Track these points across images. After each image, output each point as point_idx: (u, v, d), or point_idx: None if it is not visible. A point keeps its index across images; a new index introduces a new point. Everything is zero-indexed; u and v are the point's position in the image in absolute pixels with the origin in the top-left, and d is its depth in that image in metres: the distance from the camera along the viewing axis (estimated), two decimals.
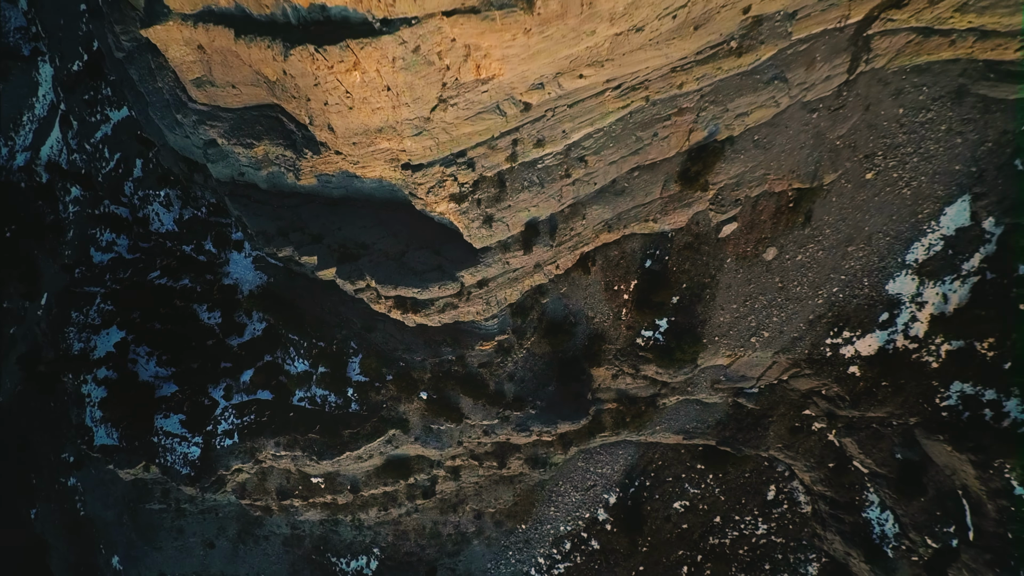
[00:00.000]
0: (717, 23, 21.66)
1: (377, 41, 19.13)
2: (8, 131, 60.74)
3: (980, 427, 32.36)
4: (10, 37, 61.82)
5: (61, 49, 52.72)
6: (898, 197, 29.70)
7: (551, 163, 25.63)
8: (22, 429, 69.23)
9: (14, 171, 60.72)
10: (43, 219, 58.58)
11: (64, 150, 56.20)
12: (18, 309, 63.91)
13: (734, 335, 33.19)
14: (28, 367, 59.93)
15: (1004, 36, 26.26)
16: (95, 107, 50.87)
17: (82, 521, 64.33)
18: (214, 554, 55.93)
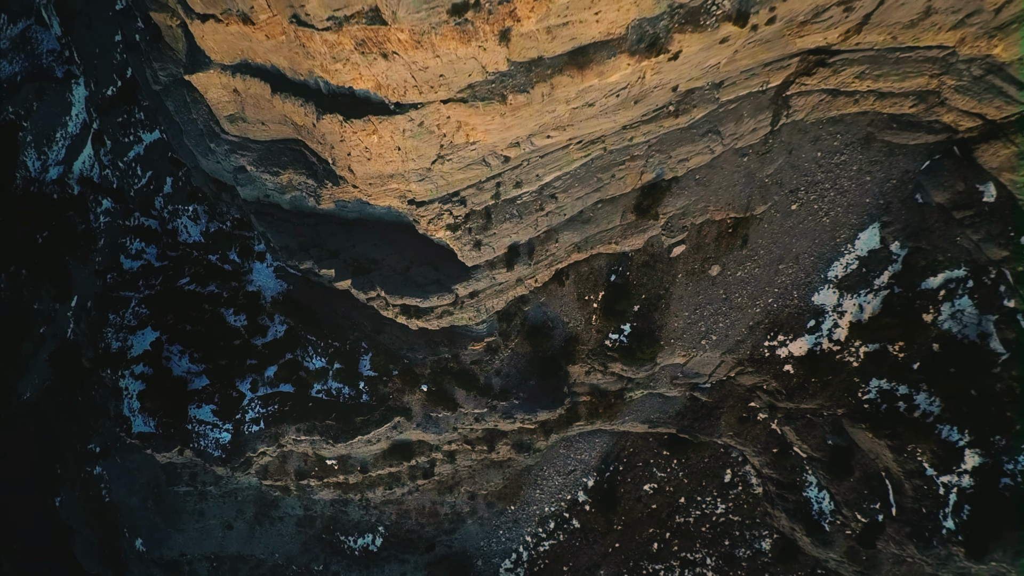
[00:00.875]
0: (653, 98, 29.19)
1: (392, 118, 26.69)
2: (42, 146, 68.46)
3: (895, 417, 39.88)
4: (43, 59, 69.64)
5: (96, 75, 60.34)
6: (819, 224, 37.25)
7: (528, 199, 33.21)
8: (49, 422, 76.63)
9: (47, 183, 68.43)
10: (75, 228, 66.27)
11: (96, 166, 63.87)
12: (48, 310, 71.64)
13: (687, 338, 40.79)
14: (59, 363, 67.89)
15: (898, 96, 33.78)
16: (128, 129, 58.56)
17: (107, 507, 71.18)
18: (232, 535, 63.43)
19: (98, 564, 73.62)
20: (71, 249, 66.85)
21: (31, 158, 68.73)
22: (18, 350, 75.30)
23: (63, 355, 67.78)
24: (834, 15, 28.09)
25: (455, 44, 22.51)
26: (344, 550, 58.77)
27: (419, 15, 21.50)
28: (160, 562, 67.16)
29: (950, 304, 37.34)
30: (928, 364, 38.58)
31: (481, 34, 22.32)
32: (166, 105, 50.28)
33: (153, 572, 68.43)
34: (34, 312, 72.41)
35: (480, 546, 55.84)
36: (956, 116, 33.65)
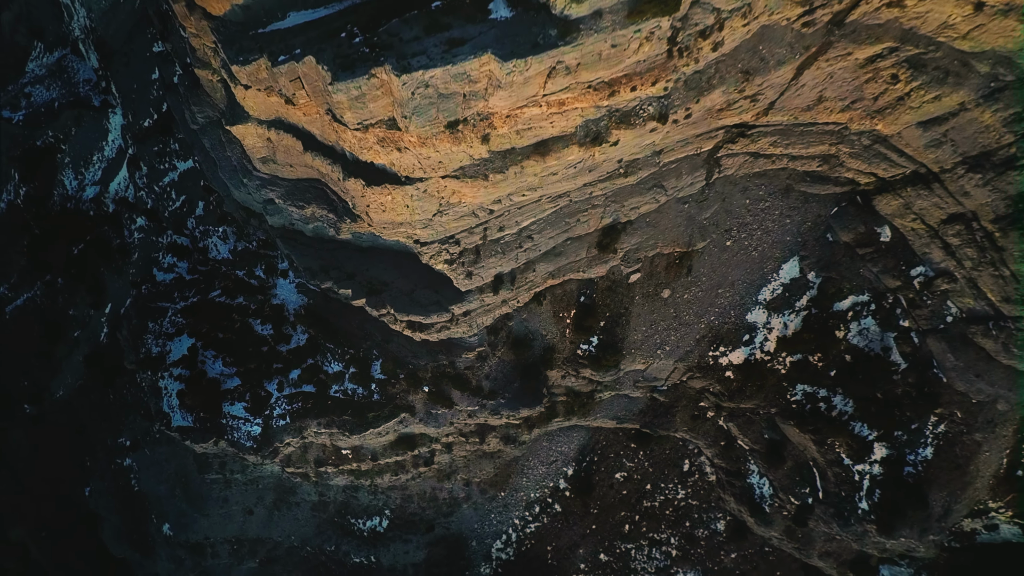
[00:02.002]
0: (604, 167, 39.89)
1: (402, 187, 37.42)
2: (79, 167, 79.09)
3: (817, 416, 50.58)
4: (80, 88, 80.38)
5: (134, 108, 71.06)
6: (749, 257, 47.93)
7: (509, 239, 43.99)
8: (80, 419, 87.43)
9: (84, 201, 79.13)
10: (110, 242, 77.00)
11: (131, 187, 74.62)
12: (82, 316, 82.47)
13: (644, 348, 51.57)
14: (94, 364, 79.16)
15: (806, 158, 44.45)
16: (164, 157, 69.36)
17: (135, 496, 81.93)
18: (252, 519, 74.46)
19: (126, 548, 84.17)
20: (106, 261, 77.65)
21: (68, 178, 79.49)
22: (53, 352, 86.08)
23: (97, 357, 79.06)
24: (743, 105, 38.70)
25: (449, 144, 33.22)
26: (354, 532, 69.77)
27: (424, 127, 32.19)
28: (186, 545, 77.96)
29: (857, 323, 48.05)
30: (841, 371, 49.28)
31: (468, 138, 33.03)
32: (202, 142, 60.92)
33: (179, 554, 79.21)
34: (69, 317, 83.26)
35: (474, 528, 66.78)
36: (855, 173, 44.29)
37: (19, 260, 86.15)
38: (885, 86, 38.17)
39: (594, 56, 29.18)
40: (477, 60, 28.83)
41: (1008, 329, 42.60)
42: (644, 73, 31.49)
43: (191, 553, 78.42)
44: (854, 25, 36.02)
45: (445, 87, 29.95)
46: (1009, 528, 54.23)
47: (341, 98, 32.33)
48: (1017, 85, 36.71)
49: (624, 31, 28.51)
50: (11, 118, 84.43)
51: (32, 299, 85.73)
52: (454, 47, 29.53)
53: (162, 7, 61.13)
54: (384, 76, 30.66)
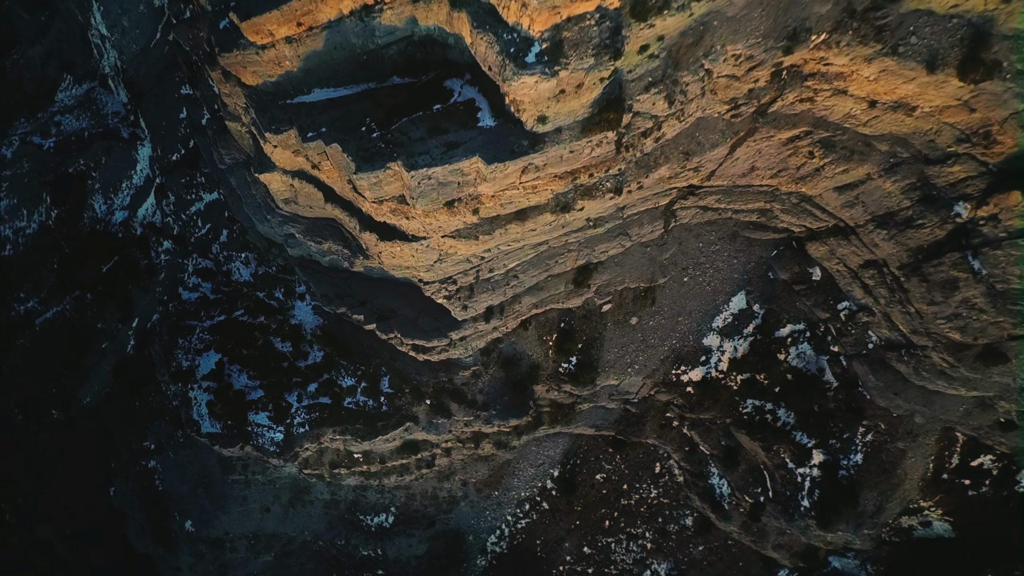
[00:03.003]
0: (575, 223, 51.15)
1: (410, 243, 48.71)
2: (109, 193, 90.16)
3: (764, 426, 61.82)
4: (109, 120, 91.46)
5: (162, 143, 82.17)
6: (704, 291, 59.18)
7: (498, 278, 55.21)
8: (106, 424, 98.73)
9: (112, 224, 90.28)
10: (137, 262, 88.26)
11: (158, 213, 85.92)
12: (110, 329, 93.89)
13: (617, 367, 62.87)
14: (121, 374, 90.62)
15: (747, 211, 55.61)
16: (191, 189, 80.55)
17: (159, 495, 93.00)
18: (269, 516, 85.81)
19: (150, 544, 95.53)
20: (134, 279, 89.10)
21: (98, 202, 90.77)
22: (80, 362, 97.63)
23: (124, 367, 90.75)
24: (688, 175, 49.84)
25: (447, 216, 44.49)
26: (363, 527, 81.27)
27: (427, 205, 43.45)
28: (207, 540, 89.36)
29: (795, 348, 59.33)
30: (784, 388, 60.56)
31: (462, 211, 44.28)
32: (229, 180, 72.09)
33: (200, 549, 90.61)
34: (97, 331, 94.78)
35: (471, 524, 78.22)
36: (788, 223, 55.44)
37: (49, 277, 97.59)
38: (804, 160, 49.32)
39: (557, 159, 40.34)
40: (468, 161, 40.03)
41: (918, 356, 53.78)
42: (598, 165, 42.65)
43: (211, 548, 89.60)
44: (775, 115, 47.12)
45: (444, 178, 41.18)
46: (941, 524, 65.52)
47: (362, 182, 43.60)
48: (912, 158, 47.81)
49: (579, 142, 39.64)
50: (42, 144, 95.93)
51: (61, 312, 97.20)
52: (451, 149, 40.76)
53: (191, 58, 71.98)
54: (397, 168, 41.89)
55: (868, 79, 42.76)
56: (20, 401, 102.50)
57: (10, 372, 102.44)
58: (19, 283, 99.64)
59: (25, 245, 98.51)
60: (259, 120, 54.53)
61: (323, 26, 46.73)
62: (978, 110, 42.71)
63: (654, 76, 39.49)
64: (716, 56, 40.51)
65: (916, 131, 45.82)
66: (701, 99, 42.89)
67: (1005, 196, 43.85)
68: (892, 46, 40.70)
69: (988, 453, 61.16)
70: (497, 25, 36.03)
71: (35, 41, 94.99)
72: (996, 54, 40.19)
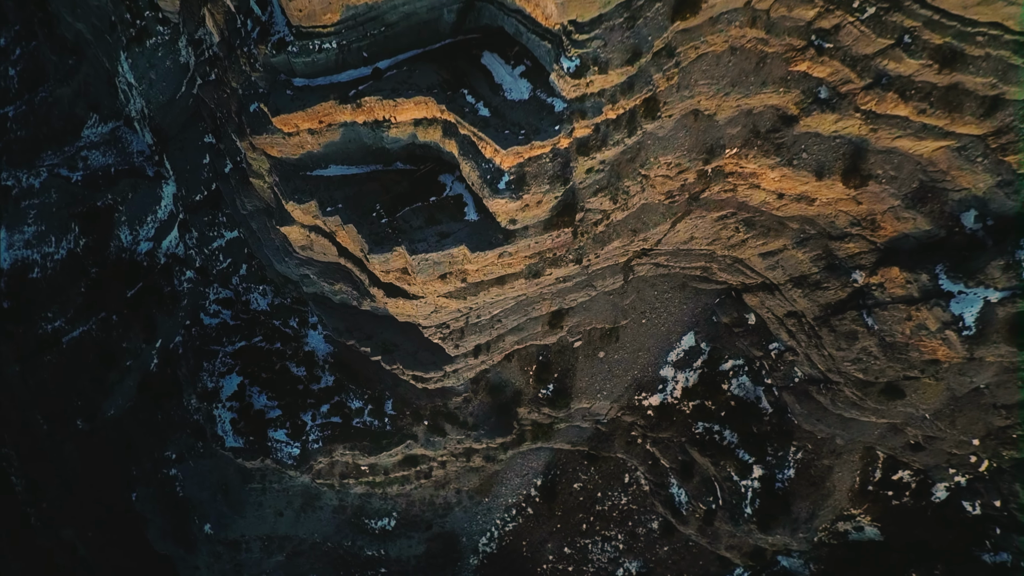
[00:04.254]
0: (547, 281, 67.07)
1: (411, 300, 64.68)
2: (134, 225, 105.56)
3: (713, 444, 77.86)
4: (134, 158, 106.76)
5: (186, 184, 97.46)
6: (659, 331, 75.14)
7: (484, 323, 71.20)
8: (130, 435, 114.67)
9: (138, 253, 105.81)
10: (161, 289, 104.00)
11: (181, 246, 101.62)
12: (135, 348, 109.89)
13: (588, 393, 78.93)
14: (146, 389, 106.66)
15: (691, 267, 71.50)
16: (213, 227, 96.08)
17: (179, 501, 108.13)
18: (282, 520, 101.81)
19: (170, 545, 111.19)
20: (157, 304, 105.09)
21: (124, 233, 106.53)
22: (106, 378, 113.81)
23: (148, 383, 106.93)
24: (638, 244, 65.65)
25: (441, 284, 60.36)
26: (367, 530, 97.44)
27: (425, 276, 59.34)
28: (224, 542, 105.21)
29: (736, 379, 75.31)
30: (728, 413, 76.56)
31: (452, 281, 60.13)
32: (249, 224, 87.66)
33: (218, 549, 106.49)
34: (122, 349, 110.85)
35: (464, 527, 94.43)
36: (726, 278, 71.26)
37: (76, 299, 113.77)
38: (732, 233, 65.07)
39: (526, 247, 56.16)
40: (456, 249, 55.88)
41: (833, 389, 69.59)
42: (560, 247, 58.51)
43: (228, 548, 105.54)
44: (705, 200, 62.80)
45: (438, 260, 57.05)
46: (871, 529, 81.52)
47: (374, 260, 59.53)
48: (818, 234, 63.51)
49: (542, 236, 55.47)
50: (69, 177, 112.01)
51: (87, 332, 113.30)
52: (443, 238, 56.63)
53: (215, 115, 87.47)
54: (401, 251, 57.80)
55: (774, 179, 58.47)
56: (46, 412, 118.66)
57: (37, 386, 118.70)
58: (47, 303, 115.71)
59: (54, 269, 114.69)
60: (283, 187, 70.34)
61: (340, 125, 62.35)
62: (864, 203, 58.47)
63: (600, 185, 55.24)
64: (651, 166, 56.25)
65: (819, 215, 61.55)
66: (642, 193, 58.62)
67: (888, 270, 59.66)
68: (788, 159, 56.42)
69: (906, 468, 77.12)
70: (478, 156, 51.82)
71: (63, 82, 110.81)
72: (872, 165, 55.96)
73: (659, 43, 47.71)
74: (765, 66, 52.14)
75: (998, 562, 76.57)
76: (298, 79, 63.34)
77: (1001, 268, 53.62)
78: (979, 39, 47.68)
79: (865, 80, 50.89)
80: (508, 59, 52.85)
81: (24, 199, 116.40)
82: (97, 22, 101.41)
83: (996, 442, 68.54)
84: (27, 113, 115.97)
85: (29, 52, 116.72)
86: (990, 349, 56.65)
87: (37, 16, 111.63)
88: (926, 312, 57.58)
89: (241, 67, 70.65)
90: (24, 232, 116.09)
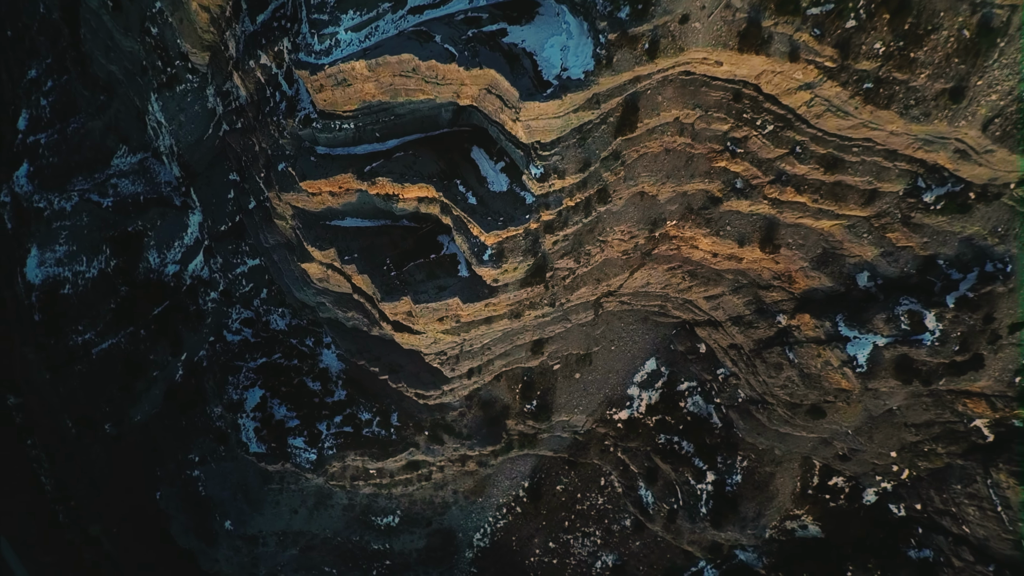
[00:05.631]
0: (528, 317, 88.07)
1: (416, 334, 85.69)
2: (162, 249, 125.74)
3: (672, 453, 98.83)
4: (162, 188, 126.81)
5: (212, 215, 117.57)
6: (626, 356, 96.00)
7: (476, 350, 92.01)
8: (155, 439, 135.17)
9: (166, 275, 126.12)
10: (187, 307, 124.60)
11: (206, 269, 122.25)
12: (161, 360, 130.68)
13: (567, 408, 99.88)
14: (170, 398, 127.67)
15: (650, 305, 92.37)
16: (237, 255, 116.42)
17: (202, 499, 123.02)
18: (296, 517, 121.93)
19: (192, 540, 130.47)
20: (183, 321, 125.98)
21: (153, 256, 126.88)
22: (133, 387, 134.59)
23: (174, 392, 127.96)
24: (601, 289, 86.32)
25: (439, 324, 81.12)
26: (374, 526, 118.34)
27: (426, 318, 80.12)
28: (243, 537, 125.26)
29: (691, 398, 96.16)
30: (685, 427, 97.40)
31: (448, 322, 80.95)
32: (271, 255, 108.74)
33: (237, 544, 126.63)
34: (149, 361, 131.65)
35: (460, 523, 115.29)
36: (680, 314, 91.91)
37: (106, 314, 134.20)
38: (680, 281, 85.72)
39: (507, 299, 76.87)
40: (451, 300, 76.67)
41: (769, 409, 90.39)
42: (535, 296, 79.30)
43: (246, 543, 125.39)
44: (656, 255, 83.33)
45: (436, 308, 77.85)
46: (814, 528, 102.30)
47: (384, 305, 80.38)
48: (749, 284, 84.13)
49: (520, 291, 76.21)
50: (100, 202, 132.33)
51: (116, 345, 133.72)
52: (441, 291, 77.38)
53: (241, 159, 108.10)
54: (406, 299, 78.62)
55: (707, 244, 79.08)
56: (75, 417, 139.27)
57: (67, 393, 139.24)
58: (78, 317, 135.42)
59: (85, 286, 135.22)
60: (304, 233, 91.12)
61: (357, 190, 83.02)
62: (780, 263, 79.13)
63: (566, 250, 75.93)
64: (607, 234, 76.94)
65: (748, 269, 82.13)
66: (602, 253, 79.31)
67: (802, 316, 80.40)
68: (716, 230, 77.06)
69: (840, 475, 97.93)
70: (467, 232, 72.57)
71: (95, 116, 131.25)
72: (783, 236, 76.50)
73: (606, 152, 68.27)
74: (693, 163, 72.73)
75: (922, 558, 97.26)
76: (320, 147, 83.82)
77: (884, 320, 74.30)
78: (855, 150, 68.23)
79: (769, 176, 71.47)
80: (492, 155, 73.45)
81: (55, 220, 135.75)
82: (129, 65, 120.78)
83: (911, 455, 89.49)
84: (59, 141, 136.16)
85: (61, 85, 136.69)
86: (880, 383, 77.44)
87: (70, 55, 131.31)
88: (829, 352, 78.39)
89: (270, 131, 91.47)
90: (56, 251, 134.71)
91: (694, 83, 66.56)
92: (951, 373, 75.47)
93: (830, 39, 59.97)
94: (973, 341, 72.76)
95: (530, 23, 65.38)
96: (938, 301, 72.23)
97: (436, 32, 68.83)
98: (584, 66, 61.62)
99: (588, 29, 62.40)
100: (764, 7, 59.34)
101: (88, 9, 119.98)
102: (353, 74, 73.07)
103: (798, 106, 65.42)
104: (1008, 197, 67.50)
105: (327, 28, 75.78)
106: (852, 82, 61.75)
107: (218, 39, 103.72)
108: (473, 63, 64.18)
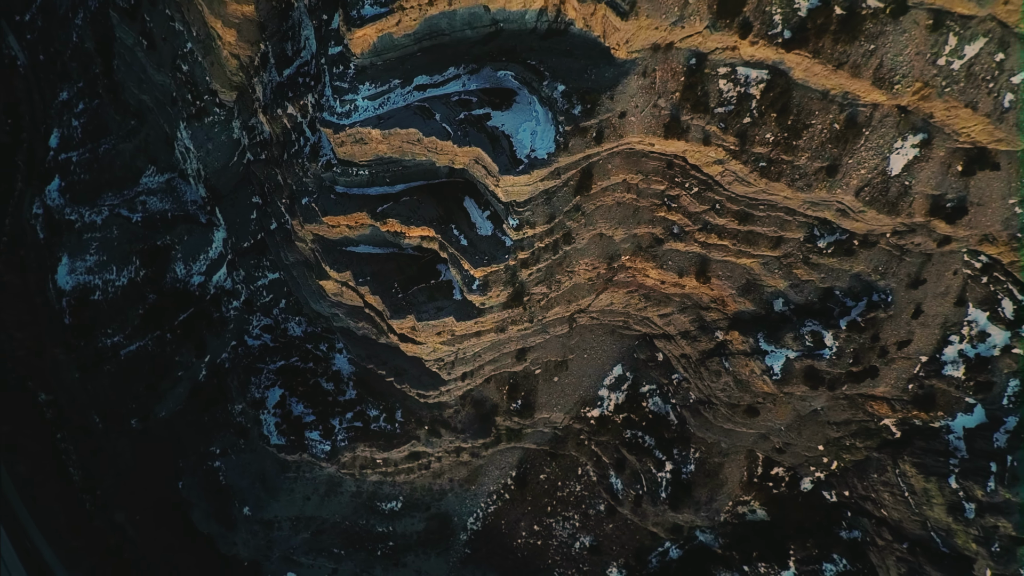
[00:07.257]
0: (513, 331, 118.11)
1: (418, 345, 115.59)
2: (188, 262, 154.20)
3: (638, 446, 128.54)
4: (188, 206, 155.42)
5: (236, 232, 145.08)
6: (597, 363, 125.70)
7: (468, 358, 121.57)
8: (178, 433, 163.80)
9: (191, 284, 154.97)
10: (211, 315, 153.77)
11: (229, 281, 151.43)
12: (186, 362, 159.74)
13: (547, 407, 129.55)
14: (194, 396, 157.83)
15: (616, 321, 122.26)
16: (258, 268, 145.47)
17: (222, 488, 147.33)
18: (309, 503, 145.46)
19: (212, 525, 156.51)
20: (207, 326, 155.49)
21: (179, 267, 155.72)
22: (159, 385, 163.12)
23: (198, 391, 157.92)
24: (572, 308, 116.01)
25: (437, 336, 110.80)
26: (379, 511, 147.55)
27: (427, 333, 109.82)
28: (260, 522, 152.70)
29: (652, 399, 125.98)
30: (647, 423, 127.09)
31: (444, 335, 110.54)
32: (291, 271, 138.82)
33: (254, 528, 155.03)
34: (175, 362, 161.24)
35: (456, 508, 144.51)
36: (640, 329, 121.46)
37: (134, 319, 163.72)
38: (638, 302, 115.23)
39: (492, 319, 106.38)
40: (448, 319, 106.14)
41: (714, 408, 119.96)
42: (516, 316, 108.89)
43: (263, 527, 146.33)
44: (616, 281, 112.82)
45: (435, 324, 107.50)
46: (761, 512, 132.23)
47: (392, 322, 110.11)
48: (692, 305, 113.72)
49: (502, 312, 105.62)
50: (129, 217, 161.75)
51: (143, 347, 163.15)
52: (439, 311, 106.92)
53: (264, 186, 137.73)
54: (411, 318, 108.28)
55: (655, 274, 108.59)
56: (103, 414, 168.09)
57: (96, 391, 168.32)
58: (108, 322, 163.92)
59: (114, 294, 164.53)
60: (323, 256, 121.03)
61: (370, 225, 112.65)
62: (714, 291, 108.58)
63: (539, 279, 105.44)
64: (574, 266, 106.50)
65: (690, 294, 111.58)
66: (570, 280, 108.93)
67: (733, 332, 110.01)
68: (660, 264, 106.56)
69: (779, 466, 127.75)
70: (460, 266, 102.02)
71: (126, 139, 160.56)
72: (714, 269, 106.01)
73: (568, 207, 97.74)
74: (639, 212, 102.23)
75: (852, 538, 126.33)
76: (339, 187, 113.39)
77: (792, 337, 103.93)
78: (761, 207, 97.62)
79: (698, 225, 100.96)
80: (480, 204, 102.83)
81: (86, 232, 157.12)
82: (160, 96, 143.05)
83: (836, 448, 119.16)
84: (90, 160, 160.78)
85: (92, 108, 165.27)
86: (793, 387, 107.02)
87: (103, 82, 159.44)
88: (754, 363, 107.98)
89: (295, 170, 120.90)
90: (86, 260, 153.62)
91: (636, 155, 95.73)
92: (852, 380, 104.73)
93: (732, 130, 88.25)
94: (864, 355, 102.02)
95: (508, 109, 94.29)
96: (835, 323, 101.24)
97: (436, 110, 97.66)
98: (547, 148, 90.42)
99: (552, 117, 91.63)
100: (682, 107, 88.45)
101: (122, 44, 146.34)
102: (369, 137, 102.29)
103: (715, 175, 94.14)
104: (885, 243, 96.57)
105: (347, 95, 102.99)
106: (751, 161, 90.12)
107: (246, 82, 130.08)
108: (464, 141, 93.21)
